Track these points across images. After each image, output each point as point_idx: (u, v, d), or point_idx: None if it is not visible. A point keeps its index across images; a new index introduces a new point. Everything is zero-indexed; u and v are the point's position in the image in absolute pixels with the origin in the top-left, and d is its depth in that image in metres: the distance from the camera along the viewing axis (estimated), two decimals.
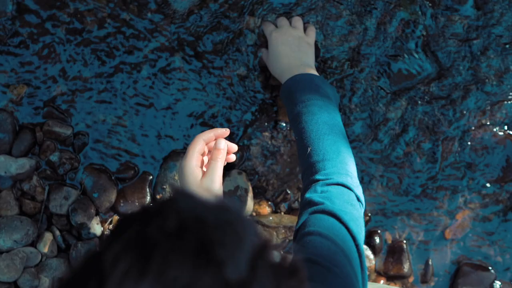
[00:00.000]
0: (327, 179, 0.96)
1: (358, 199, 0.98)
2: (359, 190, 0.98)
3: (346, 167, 1.00)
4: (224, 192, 1.23)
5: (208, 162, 0.98)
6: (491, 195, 1.31)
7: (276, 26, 1.23)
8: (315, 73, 1.15)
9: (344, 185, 0.96)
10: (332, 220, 0.90)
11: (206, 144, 0.99)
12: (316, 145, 1.01)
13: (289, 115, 1.11)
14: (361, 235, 0.92)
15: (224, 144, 0.97)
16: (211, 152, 0.98)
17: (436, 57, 1.27)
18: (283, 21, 1.23)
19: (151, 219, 0.50)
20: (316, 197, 0.94)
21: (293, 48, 1.18)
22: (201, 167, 0.98)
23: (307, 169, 1.01)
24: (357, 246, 0.90)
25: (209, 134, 0.98)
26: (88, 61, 1.25)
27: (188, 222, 0.49)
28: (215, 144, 0.97)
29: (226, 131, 1.00)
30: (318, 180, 0.97)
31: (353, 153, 1.05)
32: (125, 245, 0.49)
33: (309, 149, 1.01)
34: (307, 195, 0.96)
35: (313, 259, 0.85)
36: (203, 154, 0.99)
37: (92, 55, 1.25)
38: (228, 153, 1.00)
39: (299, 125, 1.05)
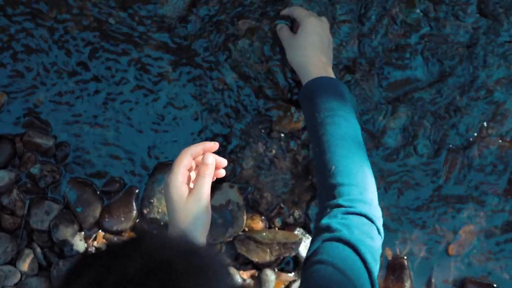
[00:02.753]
0: (350, 206, 0.90)
1: (379, 232, 0.91)
2: (380, 222, 0.92)
3: (370, 195, 0.94)
4: (214, 207, 1.17)
5: (195, 178, 0.91)
6: (497, 208, 1.25)
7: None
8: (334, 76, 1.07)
9: (366, 216, 0.90)
10: (347, 250, 0.84)
11: (194, 159, 0.93)
12: (342, 165, 0.93)
13: (309, 120, 1.03)
14: (376, 268, 0.86)
15: (213, 159, 0.92)
16: (199, 167, 0.92)
17: (438, 63, 1.22)
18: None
19: (113, 261, 0.44)
20: (334, 223, 0.88)
21: (324, 43, 1.09)
22: (188, 183, 0.92)
23: (328, 188, 0.94)
24: (372, 282, 0.84)
25: (197, 148, 0.92)
26: (71, 69, 1.19)
27: (153, 267, 0.43)
28: (203, 159, 0.92)
29: (215, 145, 0.94)
30: (340, 206, 0.90)
31: None
32: None
33: (333, 168, 0.93)
34: (326, 220, 0.89)
35: None
36: (190, 170, 0.93)
37: (76, 63, 1.19)
38: (217, 168, 0.95)
39: (323, 137, 0.97)
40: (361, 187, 0.92)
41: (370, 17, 1.20)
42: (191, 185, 0.93)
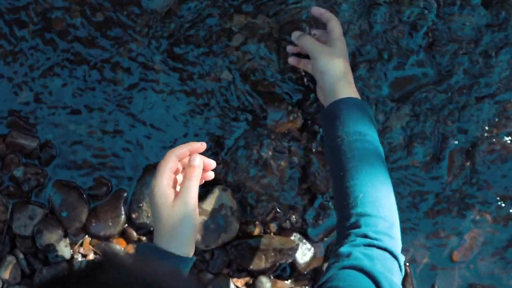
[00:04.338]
0: (376, 239, 0.86)
1: (400, 269, 0.88)
2: (402, 259, 0.89)
3: (396, 230, 0.91)
4: (206, 211, 1.13)
5: (182, 181, 0.87)
6: (504, 212, 1.22)
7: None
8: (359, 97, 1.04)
9: (391, 252, 0.86)
10: (367, 281, 0.80)
11: (180, 161, 0.89)
12: (370, 195, 0.90)
13: (332, 140, 0.98)
14: None
15: (200, 161, 0.88)
16: (185, 169, 0.88)
17: (441, 60, 1.18)
18: None
19: None
20: (356, 252, 0.84)
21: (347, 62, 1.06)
22: (174, 187, 0.88)
23: (352, 216, 0.90)
24: None
25: (183, 149, 0.88)
26: (56, 66, 1.16)
27: None
28: (189, 160, 0.88)
29: (202, 145, 0.90)
30: (365, 236, 0.87)
31: None
32: None
33: (360, 195, 0.90)
34: (347, 248, 0.86)
35: None
36: (176, 172, 0.89)
37: (61, 60, 1.15)
38: (205, 170, 0.91)
39: (350, 161, 0.93)
40: (389, 221, 0.90)
41: (373, 13, 1.16)
42: (178, 189, 0.89)
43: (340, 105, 0.98)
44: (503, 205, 1.21)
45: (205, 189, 1.16)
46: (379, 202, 0.90)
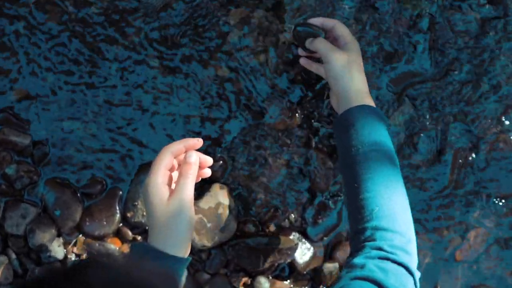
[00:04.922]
0: (392, 253, 0.85)
1: (415, 285, 0.86)
2: (418, 275, 0.87)
3: (412, 245, 0.89)
4: (203, 210, 1.11)
5: (177, 179, 0.85)
6: (508, 211, 1.21)
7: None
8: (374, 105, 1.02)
9: (407, 267, 0.84)
10: None
11: (175, 157, 0.87)
12: (387, 208, 0.88)
13: (347, 149, 0.95)
14: None
15: (196, 157, 0.86)
16: (181, 166, 0.86)
17: (444, 55, 1.16)
18: None
19: None
20: (370, 264, 0.82)
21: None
22: (170, 184, 0.86)
23: (367, 229, 0.89)
24: None
25: (178, 145, 0.86)
26: (50, 60, 1.14)
27: None
28: (185, 157, 0.85)
29: (198, 142, 0.88)
30: (380, 249, 0.85)
31: None
32: None
33: (376, 208, 0.88)
34: (361, 259, 0.84)
35: None
36: (171, 170, 0.87)
37: (55, 54, 1.13)
38: (201, 167, 0.89)
39: (366, 173, 0.91)
40: (406, 237, 0.88)
41: (375, 8, 1.15)
42: (174, 186, 0.87)
43: (354, 113, 0.96)
44: (507, 203, 1.20)
45: (201, 187, 1.14)
46: (396, 216, 0.88)
